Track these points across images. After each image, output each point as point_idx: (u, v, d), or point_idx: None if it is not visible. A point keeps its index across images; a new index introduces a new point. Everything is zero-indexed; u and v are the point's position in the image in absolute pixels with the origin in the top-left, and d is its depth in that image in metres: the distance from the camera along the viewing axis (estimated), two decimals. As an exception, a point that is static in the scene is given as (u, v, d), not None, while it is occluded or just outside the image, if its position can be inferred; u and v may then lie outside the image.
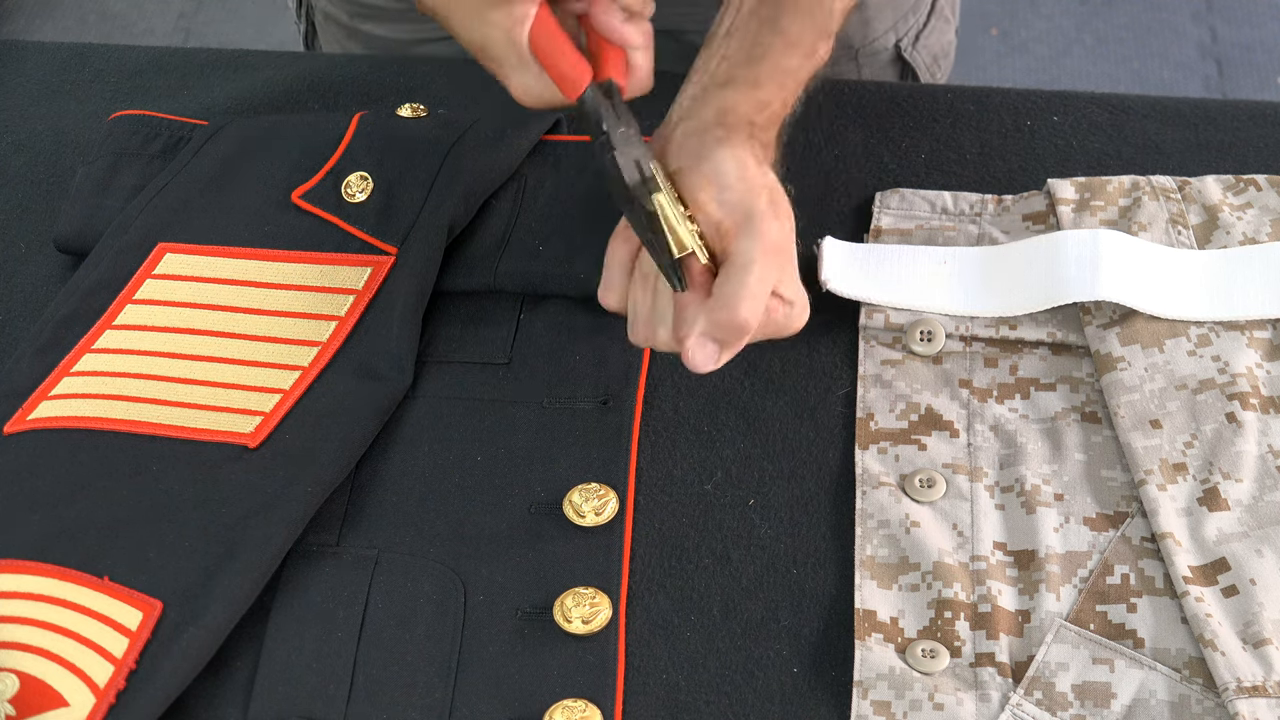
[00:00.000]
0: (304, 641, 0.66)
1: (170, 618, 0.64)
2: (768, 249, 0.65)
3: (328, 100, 0.92)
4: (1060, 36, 2.21)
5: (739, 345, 0.66)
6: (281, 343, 0.76)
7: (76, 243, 0.83)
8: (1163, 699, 0.63)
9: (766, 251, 0.65)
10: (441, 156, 0.81)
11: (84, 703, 0.62)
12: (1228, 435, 0.71)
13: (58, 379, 0.75)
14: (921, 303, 0.77)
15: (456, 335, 0.78)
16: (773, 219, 0.66)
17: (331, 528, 0.70)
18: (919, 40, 1.02)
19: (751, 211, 0.66)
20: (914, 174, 0.85)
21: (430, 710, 0.64)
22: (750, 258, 0.65)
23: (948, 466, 0.72)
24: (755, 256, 0.65)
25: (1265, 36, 2.18)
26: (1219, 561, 0.67)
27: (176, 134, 0.87)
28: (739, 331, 0.65)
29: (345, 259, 0.79)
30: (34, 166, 0.90)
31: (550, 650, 0.66)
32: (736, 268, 0.65)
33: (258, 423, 0.72)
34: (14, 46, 0.99)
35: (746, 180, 0.67)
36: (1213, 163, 0.84)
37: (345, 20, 1.03)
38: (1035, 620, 0.66)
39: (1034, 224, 0.80)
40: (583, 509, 0.70)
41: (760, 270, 0.65)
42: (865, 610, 0.67)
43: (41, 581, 0.66)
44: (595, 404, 0.74)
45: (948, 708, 0.63)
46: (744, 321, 0.65)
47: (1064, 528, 0.69)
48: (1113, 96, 0.89)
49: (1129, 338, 0.74)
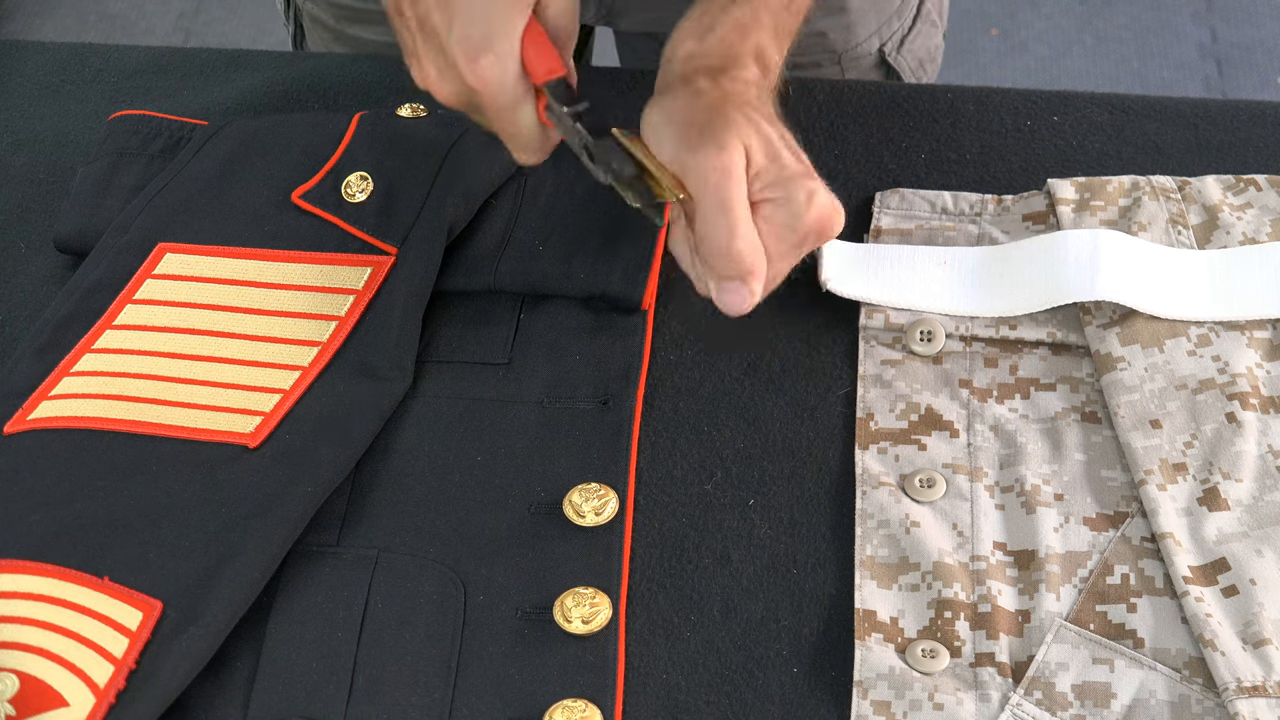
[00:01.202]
0: (304, 641, 0.66)
1: (170, 618, 0.64)
2: (710, 176, 0.65)
3: (328, 100, 0.92)
4: (1060, 36, 2.21)
5: (757, 272, 0.66)
6: (281, 343, 0.76)
7: (76, 243, 0.83)
8: (1163, 699, 0.63)
9: (711, 178, 0.65)
10: (441, 156, 0.81)
11: (84, 703, 0.62)
12: (1228, 435, 0.71)
13: (58, 379, 0.75)
14: (921, 303, 0.77)
15: (456, 335, 0.78)
16: (709, 147, 0.65)
17: (331, 528, 0.70)
18: (904, 45, 1.02)
19: (682, 148, 0.66)
20: (914, 174, 0.85)
21: (430, 710, 0.64)
22: (699, 195, 0.65)
23: (948, 466, 0.72)
24: (701, 191, 0.65)
25: (1265, 36, 2.18)
26: (1219, 561, 0.67)
27: (176, 134, 0.87)
28: (737, 261, 0.65)
29: (345, 259, 0.79)
30: (34, 166, 0.90)
31: (550, 650, 0.66)
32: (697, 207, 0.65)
33: (258, 423, 0.72)
34: (14, 46, 0.99)
35: (673, 120, 0.67)
36: (1213, 163, 0.84)
37: (331, 23, 1.03)
38: (1035, 620, 0.66)
39: (1034, 224, 0.80)
40: (583, 509, 0.70)
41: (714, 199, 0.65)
42: (865, 610, 0.67)
43: (41, 581, 0.66)
44: (595, 404, 0.74)
45: (948, 708, 0.63)
46: (735, 250, 0.65)
47: (1064, 528, 0.69)
48: (1113, 96, 0.89)
49: (1129, 338, 0.74)
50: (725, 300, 0.67)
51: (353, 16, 1.01)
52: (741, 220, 0.65)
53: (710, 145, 0.65)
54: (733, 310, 0.67)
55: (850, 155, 0.86)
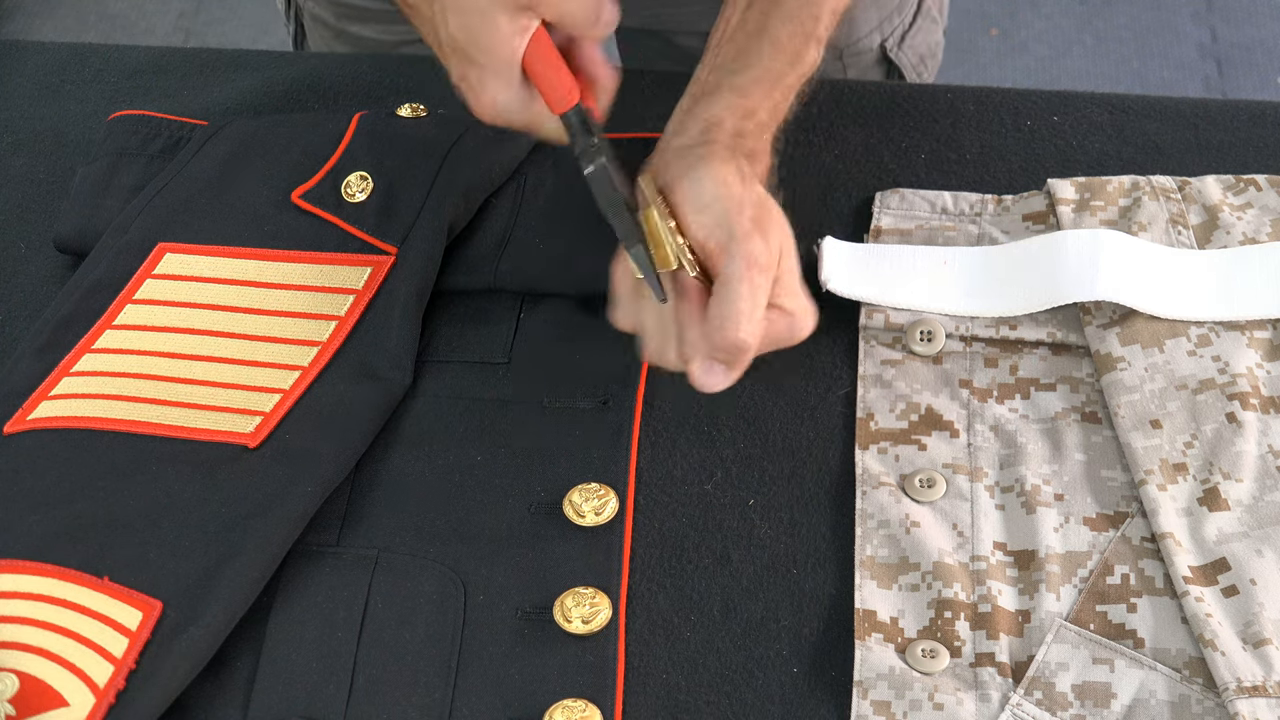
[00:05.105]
0: (304, 641, 0.66)
1: (170, 618, 0.64)
2: (752, 267, 0.65)
3: (327, 100, 0.92)
4: (1060, 36, 2.21)
5: (745, 362, 0.67)
6: (281, 342, 0.76)
7: (76, 243, 0.83)
8: (1163, 699, 0.63)
9: (751, 269, 0.65)
10: (441, 156, 0.81)
11: (84, 703, 0.62)
12: (1228, 435, 0.71)
13: (58, 379, 0.75)
14: (921, 303, 0.77)
15: (456, 335, 0.78)
16: (756, 236, 0.66)
17: (331, 528, 0.70)
18: (905, 40, 1.02)
19: (733, 231, 0.66)
20: (914, 174, 0.85)
21: (430, 710, 0.64)
22: (736, 278, 0.65)
23: (948, 466, 0.72)
24: (740, 276, 0.65)
25: (1265, 36, 2.18)
26: (1219, 561, 0.67)
27: (176, 134, 0.87)
28: (738, 350, 0.66)
29: (345, 259, 0.79)
30: (34, 166, 0.91)
31: (550, 650, 0.66)
32: (724, 289, 0.65)
33: (258, 423, 0.72)
34: (14, 46, 1.00)
35: (727, 198, 0.67)
36: (1213, 163, 0.84)
37: (332, 22, 1.03)
38: (1035, 620, 0.66)
39: (1034, 224, 0.80)
40: (583, 509, 0.70)
41: (748, 290, 0.65)
42: (865, 610, 0.67)
43: (41, 581, 0.66)
44: (595, 404, 0.74)
45: (948, 708, 0.63)
46: (741, 341, 0.65)
47: (1064, 528, 0.69)
48: (1113, 96, 0.89)
49: (1129, 338, 0.74)
50: (705, 379, 0.67)
51: (354, 15, 1.01)
52: (760, 314, 0.66)
53: (758, 235, 0.66)
54: (707, 388, 0.68)
55: (850, 155, 0.86)
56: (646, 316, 0.70)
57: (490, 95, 0.67)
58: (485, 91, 0.67)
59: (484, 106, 0.67)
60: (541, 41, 0.66)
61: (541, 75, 0.66)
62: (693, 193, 0.67)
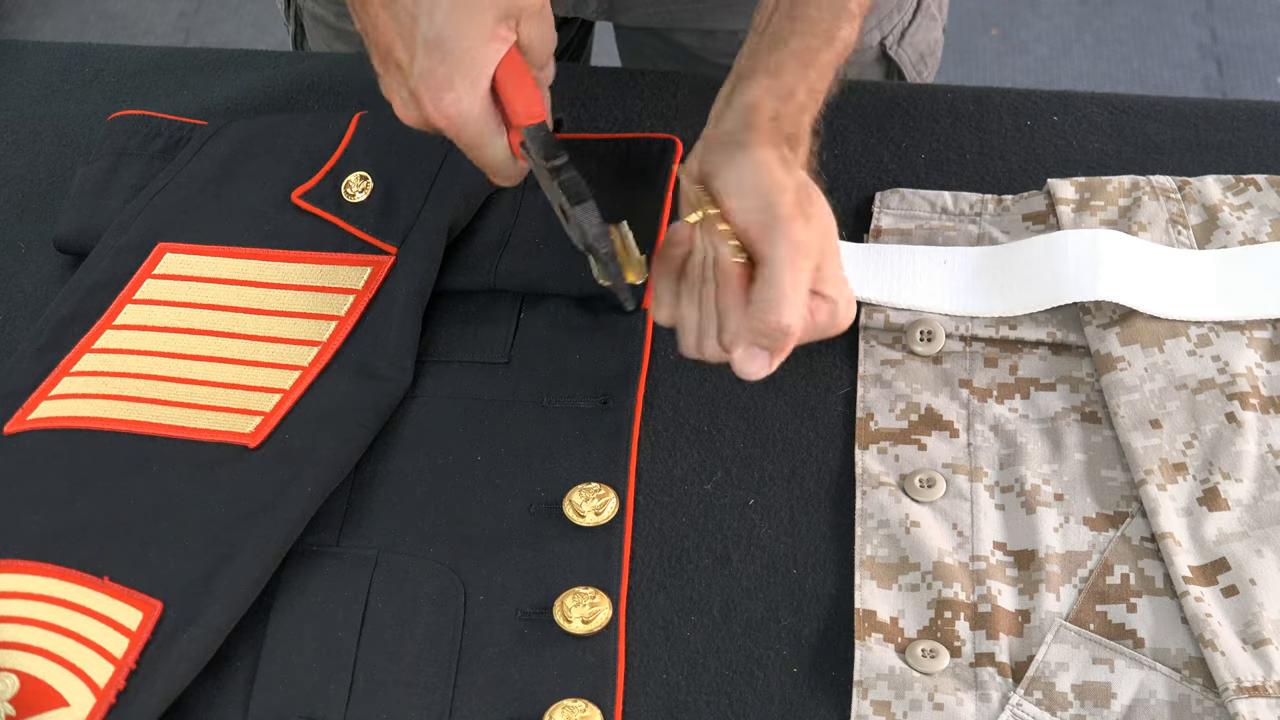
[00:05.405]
0: (304, 641, 0.66)
1: (170, 618, 0.64)
2: (796, 251, 0.65)
3: (327, 100, 0.92)
4: (1060, 36, 2.21)
5: (787, 348, 0.67)
6: (281, 342, 0.76)
7: (76, 243, 0.83)
8: (1163, 699, 0.63)
9: (795, 254, 0.65)
10: (441, 156, 0.81)
11: (84, 703, 0.62)
12: (1228, 435, 0.71)
13: (58, 379, 0.75)
14: (921, 303, 0.77)
15: (456, 335, 0.78)
16: (799, 220, 0.66)
17: (331, 528, 0.70)
18: (904, 38, 1.01)
19: (776, 215, 0.65)
20: (914, 174, 0.85)
21: (430, 710, 0.64)
22: (780, 262, 0.65)
23: (948, 466, 0.72)
24: (784, 259, 0.65)
25: (1265, 36, 2.18)
26: (1219, 561, 0.67)
27: (176, 134, 0.87)
28: (783, 335, 0.65)
29: (345, 259, 0.79)
30: (34, 166, 0.91)
31: (550, 650, 0.66)
32: (768, 273, 0.65)
33: (258, 423, 0.72)
34: (14, 46, 1.00)
35: (769, 182, 0.66)
36: (1213, 163, 0.84)
37: (332, 21, 1.03)
38: (1035, 620, 0.66)
39: (1034, 224, 0.80)
40: (583, 509, 0.70)
41: (792, 274, 0.65)
42: (865, 610, 0.67)
43: (41, 581, 0.66)
44: (595, 404, 0.74)
45: (948, 708, 0.63)
46: (786, 325, 0.65)
47: (1064, 528, 0.69)
48: (1113, 96, 0.89)
49: (1129, 338, 0.74)
50: (748, 365, 0.67)
51: None
52: (803, 299, 0.66)
53: (801, 219, 0.66)
54: (749, 375, 0.67)
55: (850, 155, 0.86)
56: (684, 310, 0.69)
57: (455, 94, 0.67)
58: (450, 89, 0.67)
59: (442, 105, 0.67)
60: (515, 57, 0.68)
61: (512, 87, 0.68)
62: (734, 179, 0.66)
